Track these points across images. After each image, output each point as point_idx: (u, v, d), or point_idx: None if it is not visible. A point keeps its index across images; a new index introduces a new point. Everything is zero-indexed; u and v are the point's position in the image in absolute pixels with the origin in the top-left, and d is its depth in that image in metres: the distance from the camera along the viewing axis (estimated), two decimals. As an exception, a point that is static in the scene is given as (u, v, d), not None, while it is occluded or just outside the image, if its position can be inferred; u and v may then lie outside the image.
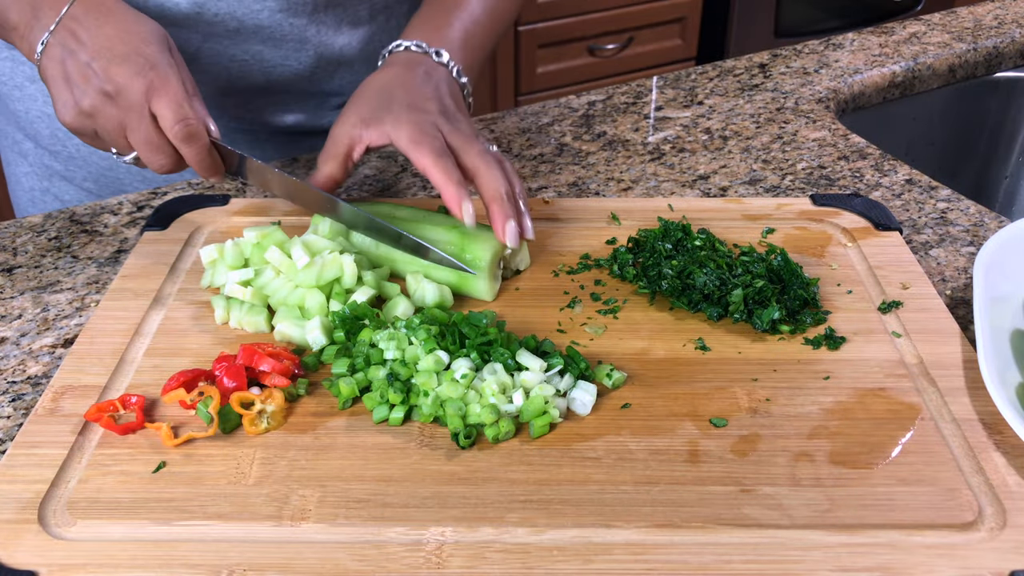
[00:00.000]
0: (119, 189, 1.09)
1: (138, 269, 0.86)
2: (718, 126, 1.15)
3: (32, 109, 1.06)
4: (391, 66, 0.90)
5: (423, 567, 0.58)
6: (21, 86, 1.05)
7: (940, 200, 1.00)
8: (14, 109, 1.07)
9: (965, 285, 0.86)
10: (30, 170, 1.12)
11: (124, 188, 1.09)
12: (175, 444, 0.67)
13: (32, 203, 1.14)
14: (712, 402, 0.70)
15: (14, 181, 1.15)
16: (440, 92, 0.87)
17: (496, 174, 0.80)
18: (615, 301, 0.82)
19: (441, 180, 0.79)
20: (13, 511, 0.61)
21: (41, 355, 0.79)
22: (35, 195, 1.13)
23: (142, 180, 1.08)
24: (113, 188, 1.09)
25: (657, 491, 0.63)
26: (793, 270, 0.80)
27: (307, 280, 0.78)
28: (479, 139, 0.83)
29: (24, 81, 1.04)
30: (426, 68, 0.88)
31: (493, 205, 0.80)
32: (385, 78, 0.88)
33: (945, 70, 1.32)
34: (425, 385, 0.69)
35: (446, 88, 0.88)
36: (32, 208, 1.14)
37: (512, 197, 0.81)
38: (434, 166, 0.79)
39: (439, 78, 0.88)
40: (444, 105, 0.86)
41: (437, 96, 0.86)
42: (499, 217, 0.79)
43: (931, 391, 0.71)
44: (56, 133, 1.06)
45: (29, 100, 1.05)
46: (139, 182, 1.08)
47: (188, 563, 0.58)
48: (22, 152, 1.11)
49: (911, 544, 0.59)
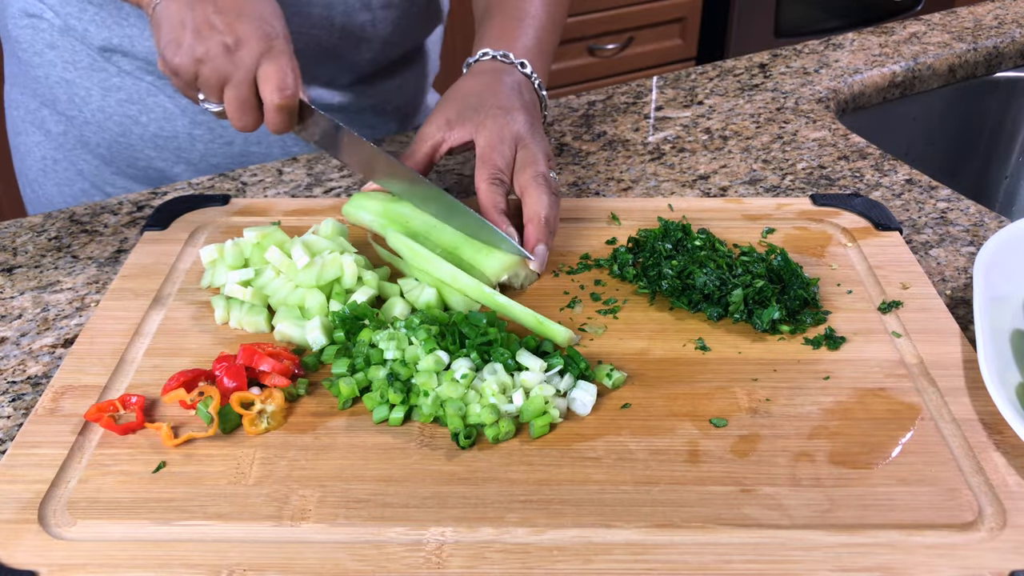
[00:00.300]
0: (131, 156, 1.10)
1: (138, 269, 0.86)
2: (718, 126, 1.15)
3: (52, 75, 1.08)
4: (479, 74, 0.93)
5: (423, 567, 0.58)
6: (41, 52, 1.07)
7: (940, 200, 1.00)
8: (35, 75, 1.09)
9: (965, 285, 0.86)
10: (43, 139, 1.13)
11: (136, 155, 1.10)
12: (175, 444, 0.67)
13: (44, 172, 1.15)
14: (712, 402, 0.70)
15: (24, 151, 1.17)
16: (526, 103, 0.91)
17: (543, 198, 0.84)
18: (615, 301, 0.82)
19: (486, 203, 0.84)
20: (13, 511, 0.61)
21: (41, 355, 0.79)
22: (47, 164, 1.14)
23: (153, 147, 1.10)
24: (126, 155, 1.11)
25: (657, 491, 0.63)
26: (793, 270, 0.80)
27: (307, 280, 0.78)
28: (544, 161, 0.87)
29: (44, 48, 1.06)
30: (515, 78, 0.92)
31: (529, 225, 0.83)
32: (475, 84, 0.91)
33: (945, 70, 1.32)
34: (425, 385, 0.69)
35: (530, 99, 0.92)
36: (43, 178, 1.15)
37: (550, 223, 0.84)
38: (486, 191, 0.84)
39: (525, 90, 0.92)
40: (530, 117, 0.90)
41: (524, 107, 0.90)
42: (532, 238, 0.83)
43: (931, 391, 0.71)
44: (73, 98, 1.08)
45: (48, 66, 1.07)
46: (151, 148, 1.10)
47: (188, 563, 0.58)
48: (36, 121, 1.13)
49: (911, 544, 0.59)
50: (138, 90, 1.06)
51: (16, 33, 1.08)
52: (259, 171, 1.07)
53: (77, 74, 1.06)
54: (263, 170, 1.07)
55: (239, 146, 1.10)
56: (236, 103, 0.81)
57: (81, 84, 1.07)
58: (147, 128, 1.08)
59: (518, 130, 0.87)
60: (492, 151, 0.86)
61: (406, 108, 1.22)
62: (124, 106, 1.07)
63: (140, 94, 1.06)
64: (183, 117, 1.08)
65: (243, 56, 0.79)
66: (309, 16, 1.02)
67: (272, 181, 1.05)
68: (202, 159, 1.11)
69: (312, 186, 1.04)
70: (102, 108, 1.08)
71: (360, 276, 0.80)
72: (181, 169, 1.12)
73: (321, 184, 1.04)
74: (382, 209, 0.87)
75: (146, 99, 1.07)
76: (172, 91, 1.06)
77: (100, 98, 1.07)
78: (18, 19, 1.07)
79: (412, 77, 1.21)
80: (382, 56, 1.12)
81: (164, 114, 1.07)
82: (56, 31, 1.05)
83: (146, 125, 1.08)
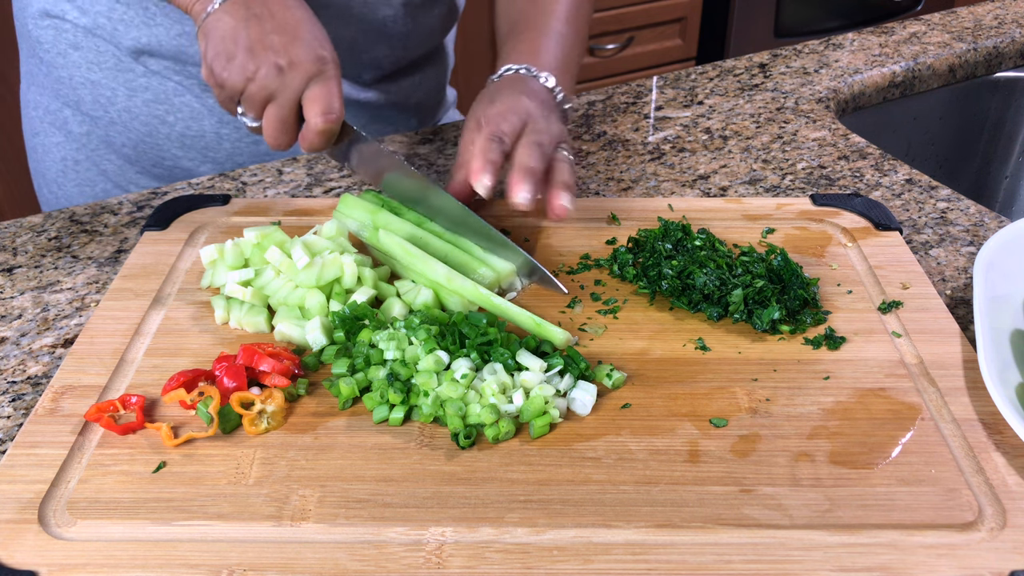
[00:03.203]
0: (157, 155, 1.11)
1: (138, 269, 0.86)
2: (718, 126, 1.15)
3: (76, 75, 1.08)
4: (500, 84, 0.91)
5: (423, 567, 0.58)
6: (65, 53, 1.07)
7: (940, 200, 1.00)
8: (57, 76, 1.09)
9: (965, 285, 0.86)
10: (63, 140, 1.13)
11: (162, 154, 1.10)
12: (175, 444, 0.67)
13: (63, 173, 1.15)
14: (712, 402, 0.70)
15: (42, 152, 1.17)
16: (544, 100, 0.89)
17: (534, 154, 0.82)
18: (615, 301, 0.82)
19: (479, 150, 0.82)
20: (13, 511, 0.61)
21: (41, 355, 0.79)
22: (67, 165, 1.14)
23: (180, 146, 1.10)
24: (152, 155, 1.11)
25: (657, 491, 0.63)
26: (793, 270, 0.80)
27: (307, 280, 0.78)
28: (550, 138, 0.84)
29: (67, 48, 1.06)
30: (536, 86, 0.91)
31: (514, 173, 0.81)
32: (494, 89, 0.90)
33: (945, 70, 1.32)
34: (425, 385, 0.69)
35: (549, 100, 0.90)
36: (63, 178, 1.16)
37: (535, 173, 0.81)
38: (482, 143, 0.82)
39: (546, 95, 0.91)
40: (545, 109, 0.88)
41: (541, 101, 0.88)
42: (514, 182, 0.81)
43: (931, 391, 0.71)
44: (98, 99, 1.08)
45: (72, 67, 1.07)
46: (177, 147, 1.10)
47: (188, 563, 0.58)
48: (57, 122, 1.13)
49: (911, 544, 0.59)
50: (165, 90, 1.06)
51: (37, 34, 1.08)
52: (259, 171, 1.07)
53: (102, 75, 1.06)
54: (263, 170, 1.07)
55: (266, 144, 1.10)
56: (277, 122, 0.82)
57: (107, 85, 1.07)
58: (174, 128, 1.08)
59: (530, 109, 0.86)
60: (500, 117, 0.84)
61: (426, 104, 1.23)
62: (151, 106, 1.07)
63: (167, 94, 1.07)
64: (211, 116, 1.08)
65: (293, 77, 0.80)
66: (329, 8, 1.02)
67: (272, 181, 1.05)
68: (228, 158, 1.11)
69: (312, 186, 1.04)
70: (128, 108, 1.08)
71: (360, 276, 0.80)
72: (208, 168, 1.12)
73: (321, 184, 1.04)
74: (369, 219, 0.87)
75: (173, 99, 1.07)
76: (200, 91, 1.06)
77: (126, 98, 1.07)
78: (38, 20, 1.07)
79: (433, 74, 1.22)
80: (404, 54, 1.13)
81: (191, 113, 1.08)
82: (80, 32, 1.05)
83: (173, 125, 1.08)
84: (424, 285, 0.80)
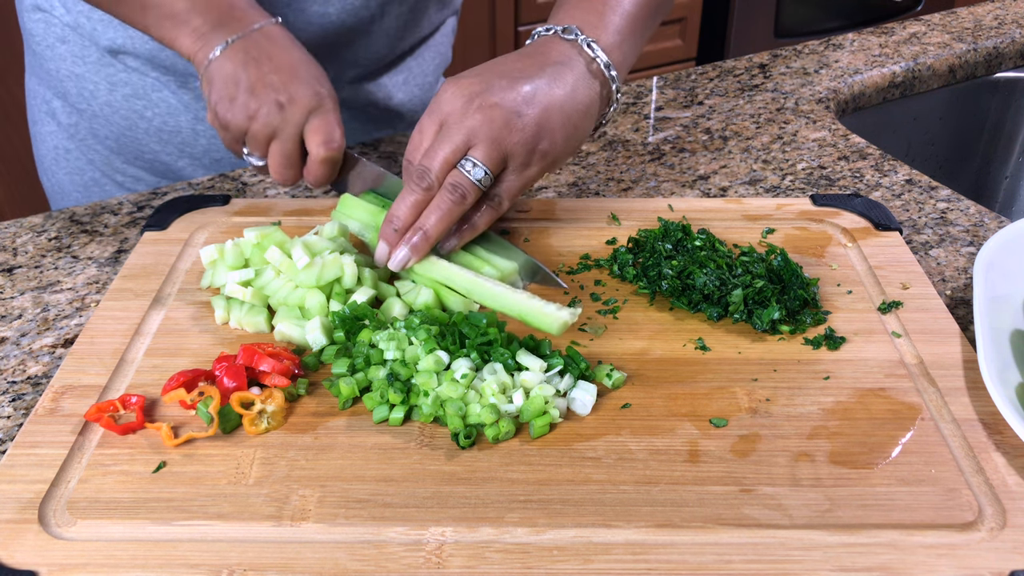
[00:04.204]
0: (138, 148, 1.12)
1: (138, 269, 0.86)
2: (718, 126, 1.15)
3: (62, 68, 1.09)
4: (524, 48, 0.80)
5: (423, 567, 0.58)
6: (52, 46, 1.09)
7: (940, 200, 1.00)
8: (47, 68, 1.11)
9: (965, 285, 0.86)
10: (56, 129, 1.15)
11: (142, 148, 1.12)
12: (175, 444, 0.67)
13: (56, 161, 1.17)
14: (712, 402, 0.70)
15: (40, 139, 1.19)
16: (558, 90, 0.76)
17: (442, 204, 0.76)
18: (615, 301, 0.82)
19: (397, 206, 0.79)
20: (13, 511, 0.61)
21: (41, 355, 0.79)
22: (59, 153, 1.17)
23: (158, 140, 1.11)
24: (133, 147, 1.12)
25: (657, 491, 0.63)
26: (793, 270, 0.80)
27: (307, 280, 0.78)
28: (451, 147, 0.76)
29: (55, 42, 1.08)
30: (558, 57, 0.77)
31: (384, 225, 0.79)
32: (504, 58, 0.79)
33: (945, 70, 1.32)
34: (425, 385, 0.69)
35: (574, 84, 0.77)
36: (56, 166, 1.18)
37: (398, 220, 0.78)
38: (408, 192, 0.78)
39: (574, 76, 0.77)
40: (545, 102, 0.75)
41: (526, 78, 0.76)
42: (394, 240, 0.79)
43: (931, 391, 0.71)
44: (82, 92, 1.10)
45: (60, 60, 1.09)
46: (155, 142, 1.11)
47: (188, 563, 0.58)
48: (50, 111, 1.15)
49: (911, 544, 0.59)
50: (143, 85, 1.08)
51: (30, 26, 1.11)
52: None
53: (86, 68, 1.08)
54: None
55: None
56: (280, 157, 0.84)
57: (90, 79, 1.08)
58: (151, 122, 1.10)
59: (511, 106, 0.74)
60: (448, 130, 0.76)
61: (412, 103, 1.21)
62: (130, 101, 1.09)
63: (145, 89, 1.08)
64: (186, 112, 1.09)
65: (294, 112, 0.82)
66: (303, 12, 1.02)
67: (272, 181, 1.05)
68: (205, 153, 1.12)
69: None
70: (109, 103, 1.09)
71: (360, 276, 0.80)
72: (185, 163, 1.13)
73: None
74: (371, 220, 0.87)
75: (151, 94, 1.08)
76: (176, 87, 1.07)
77: (107, 93, 1.09)
78: (31, 12, 1.10)
79: (419, 71, 1.20)
80: (385, 50, 1.12)
81: (168, 109, 1.09)
82: (66, 27, 1.07)
83: (151, 120, 1.09)
84: (424, 285, 0.80)
